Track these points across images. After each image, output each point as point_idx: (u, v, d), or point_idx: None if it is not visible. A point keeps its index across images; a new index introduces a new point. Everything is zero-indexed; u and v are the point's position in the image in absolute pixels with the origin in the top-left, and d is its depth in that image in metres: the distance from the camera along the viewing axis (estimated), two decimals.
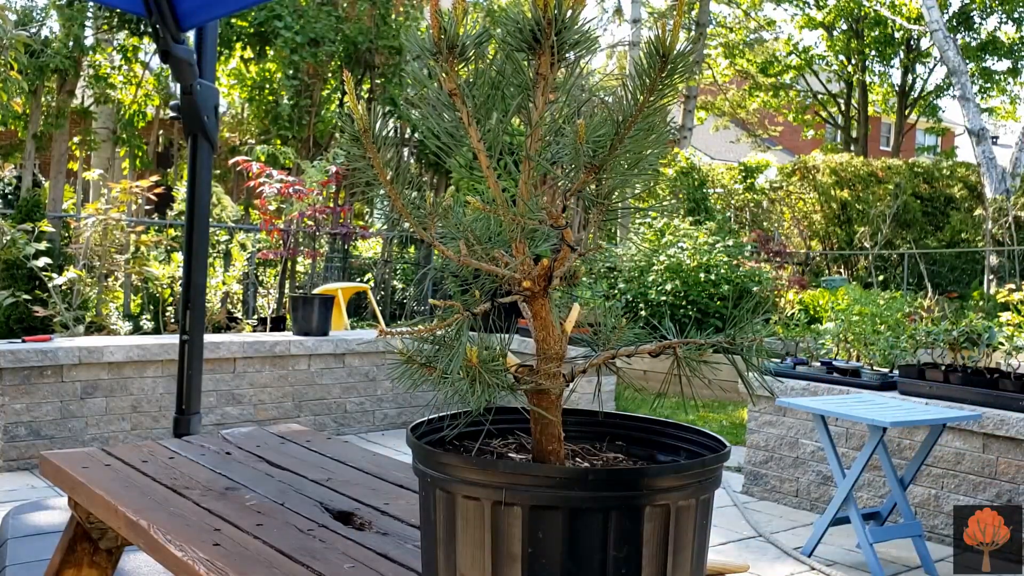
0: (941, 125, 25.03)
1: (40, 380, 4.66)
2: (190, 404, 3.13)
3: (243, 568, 1.19)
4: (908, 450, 3.90)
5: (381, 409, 5.99)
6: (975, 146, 11.58)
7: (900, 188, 12.31)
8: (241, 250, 8.10)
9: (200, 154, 3.12)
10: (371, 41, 10.17)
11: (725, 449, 0.97)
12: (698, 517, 0.93)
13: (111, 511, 1.47)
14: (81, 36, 9.07)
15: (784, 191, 13.11)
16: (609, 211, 0.95)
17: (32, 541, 2.58)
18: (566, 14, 0.84)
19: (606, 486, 0.89)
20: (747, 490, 4.58)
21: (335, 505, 1.49)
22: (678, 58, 0.82)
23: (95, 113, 10.29)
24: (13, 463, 4.58)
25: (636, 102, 0.85)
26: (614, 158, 0.87)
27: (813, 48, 23.83)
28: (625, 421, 1.12)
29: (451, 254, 0.93)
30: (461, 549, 0.91)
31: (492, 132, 0.88)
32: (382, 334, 0.94)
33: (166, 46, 2.94)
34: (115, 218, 7.14)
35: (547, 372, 0.93)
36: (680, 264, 7.75)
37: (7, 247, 6.57)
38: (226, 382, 5.34)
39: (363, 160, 0.92)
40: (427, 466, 0.95)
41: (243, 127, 11.71)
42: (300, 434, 2.05)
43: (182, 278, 3.35)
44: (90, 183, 10.80)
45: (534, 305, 0.92)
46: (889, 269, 12.36)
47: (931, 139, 29.80)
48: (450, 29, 0.85)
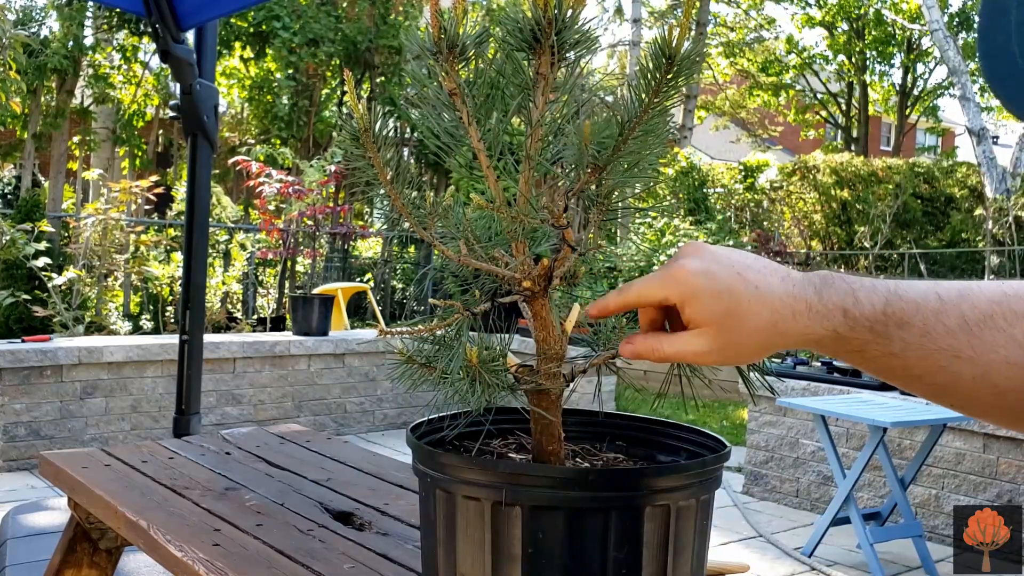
0: (941, 125, 25.04)
1: (40, 380, 4.66)
2: (190, 404, 3.13)
3: (243, 568, 1.19)
4: (908, 450, 3.90)
5: (381, 409, 5.99)
6: (975, 146, 11.58)
7: (900, 188, 12.32)
8: (241, 250, 8.10)
9: (200, 154, 3.11)
10: (371, 41, 10.17)
11: (725, 449, 0.97)
12: (698, 517, 0.93)
13: (111, 511, 1.46)
14: (80, 36, 9.07)
15: (784, 191, 13.11)
16: (610, 211, 0.95)
17: (32, 541, 2.58)
18: (566, 14, 0.83)
19: (606, 486, 0.88)
20: (747, 490, 4.58)
21: (335, 505, 1.49)
22: (684, 60, 0.82)
23: (95, 113, 10.29)
24: (13, 463, 4.58)
25: (641, 103, 0.85)
26: (617, 158, 0.87)
27: (813, 48, 23.86)
28: (625, 421, 1.12)
29: (451, 254, 0.93)
30: (461, 549, 0.91)
31: (492, 132, 0.88)
32: (382, 334, 0.94)
33: (166, 46, 2.94)
34: (115, 218, 7.14)
35: (547, 372, 0.93)
36: None
37: (7, 247, 6.57)
38: (226, 382, 5.33)
39: (363, 160, 0.92)
40: (427, 466, 0.94)
41: (243, 127, 11.71)
42: (300, 434, 2.05)
43: (182, 278, 3.35)
44: (90, 183, 10.80)
45: (534, 305, 0.92)
46: (889, 269, 12.36)
47: (931, 139, 29.81)
48: (450, 29, 0.85)
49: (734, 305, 0.71)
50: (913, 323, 0.66)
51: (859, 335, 0.68)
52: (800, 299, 0.70)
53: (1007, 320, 0.64)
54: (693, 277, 0.73)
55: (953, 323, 0.65)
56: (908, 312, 0.66)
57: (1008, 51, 0.69)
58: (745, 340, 0.72)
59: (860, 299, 0.68)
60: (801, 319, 0.69)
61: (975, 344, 0.64)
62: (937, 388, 0.67)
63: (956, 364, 0.65)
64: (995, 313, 0.64)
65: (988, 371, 0.64)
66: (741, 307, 0.71)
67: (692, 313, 0.73)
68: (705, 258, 0.74)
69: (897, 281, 0.69)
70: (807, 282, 0.71)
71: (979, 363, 0.64)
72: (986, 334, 0.64)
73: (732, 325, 0.71)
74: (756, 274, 0.72)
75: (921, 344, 0.66)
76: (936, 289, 0.67)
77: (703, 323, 0.72)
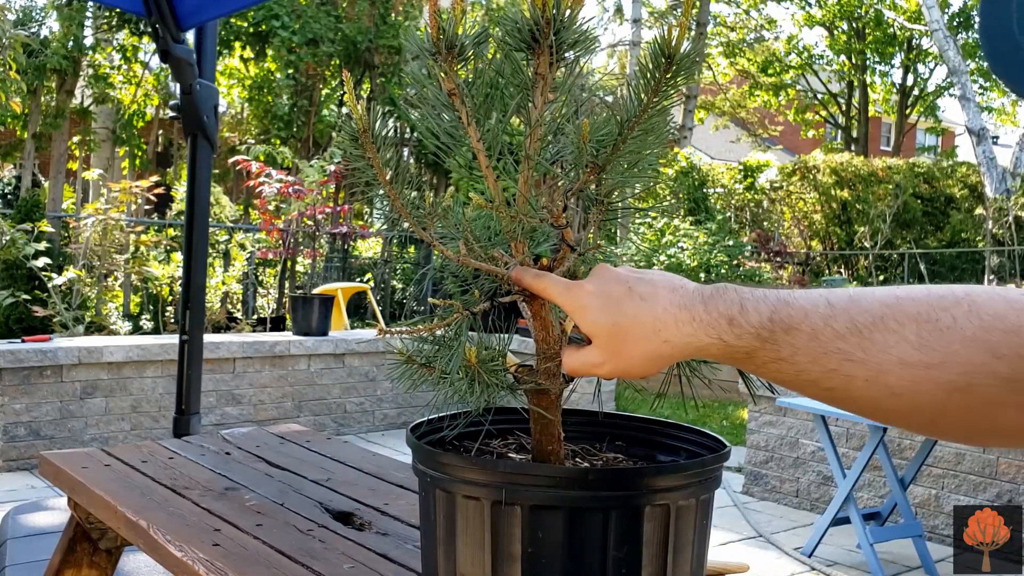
0: (941, 125, 25.04)
1: (40, 380, 4.66)
2: (190, 404, 3.13)
3: (242, 568, 1.19)
4: (908, 450, 3.90)
5: (381, 409, 5.99)
6: (975, 146, 11.58)
7: (900, 188, 12.31)
8: (240, 250, 8.10)
9: (200, 154, 3.11)
10: (370, 41, 10.17)
11: (725, 449, 0.97)
12: (698, 517, 0.93)
13: (111, 511, 1.46)
14: (80, 36, 9.06)
15: (784, 191, 13.11)
16: (609, 211, 0.95)
17: (32, 541, 2.58)
18: (565, 14, 0.83)
19: (606, 486, 0.89)
20: (747, 490, 4.58)
21: (335, 505, 1.49)
22: (684, 59, 0.82)
23: (94, 113, 10.29)
24: (13, 463, 4.58)
25: (640, 102, 0.85)
26: (616, 158, 0.87)
27: (814, 48, 23.86)
28: (625, 421, 1.12)
29: (451, 254, 0.93)
30: (461, 549, 0.91)
31: (491, 132, 0.88)
32: (382, 334, 0.94)
33: (166, 46, 2.94)
34: (114, 218, 7.14)
35: (547, 372, 0.93)
36: (680, 264, 7.75)
37: (7, 247, 6.57)
38: (226, 382, 5.33)
39: (362, 160, 0.92)
40: (427, 466, 0.94)
41: (243, 127, 11.71)
42: (300, 434, 2.05)
43: (182, 278, 3.35)
44: (89, 183, 10.80)
45: (534, 305, 0.92)
46: (889, 269, 12.36)
47: (931, 139, 29.82)
48: (449, 29, 0.85)
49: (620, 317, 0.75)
50: (801, 328, 0.67)
51: (745, 343, 0.70)
52: (685, 309, 0.73)
53: (898, 321, 0.64)
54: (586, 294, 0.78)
55: (842, 326, 0.66)
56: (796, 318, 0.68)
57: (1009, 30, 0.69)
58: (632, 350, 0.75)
59: (747, 308, 0.70)
60: (684, 327, 0.72)
61: (865, 346, 0.64)
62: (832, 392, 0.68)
63: (847, 367, 0.65)
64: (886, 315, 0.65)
65: (880, 372, 0.64)
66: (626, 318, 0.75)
67: (584, 327, 0.79)
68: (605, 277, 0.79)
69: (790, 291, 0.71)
70: (697, 293, 0.74)
71: (870, 364, 0.64)
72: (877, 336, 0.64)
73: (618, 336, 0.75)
74: (646, 286, 0.76)
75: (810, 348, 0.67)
76: (827, 296, 0.68)
77: (593, 336, 0.78)
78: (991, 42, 0.71)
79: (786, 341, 0.68)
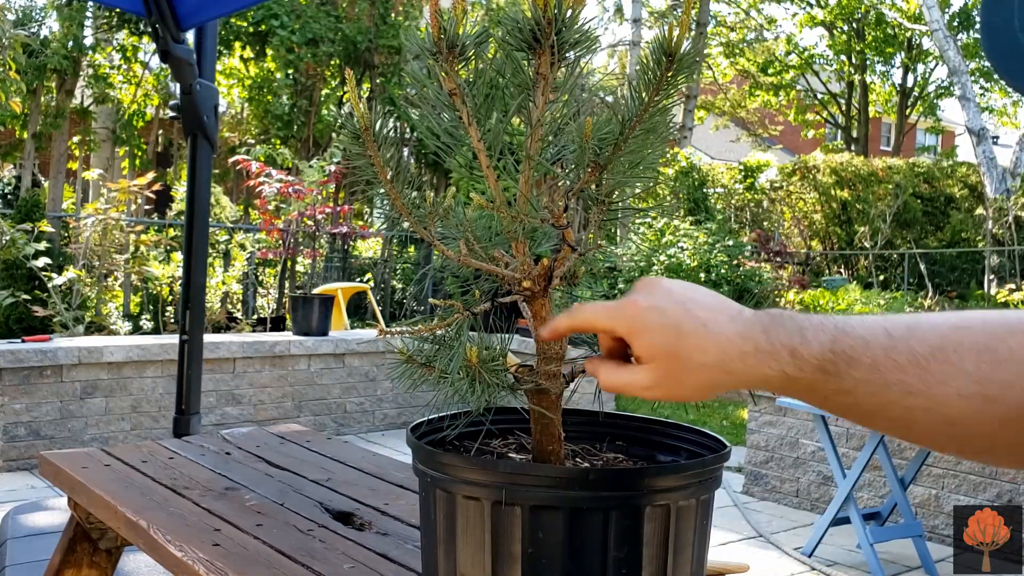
0: (941, 125, 25.05)
1: (40, 380, 4.66)
2: (190, 404, 3.13)
3: (243, 568, 1.19)
4: (908, 450, 3.90)
5: (381, 409, 5.99)
6: (975, 146, 11.59)
7: (900, 188, 12.31)
8: (241, 250, 8.10)
9: (200, 154, 3.11)
10: (370, 41, 10.16)
11: (725, 449, 0.97)
12: (698, 517, 0.93)
13: (111, 511, 1.46)
14: (80, 36, 9.06)
15: (784, 191, 13.11)
16: (610, 211, 0.95)
17: (32, 541, 2.58)
18: (566, 14, 0.83)
19: (606, 486, 0.88)
20: (747, 490, 4.58)
21: (335, 505, 1.49)
22: (684, 58, 0.82)
23: (94, 113, 10.28)
24: (13, 463, 4.58)
25: (641, 101, 0.85)
26: (617, 157, 0.87)
27: (814, 48, 23.86)
28: (625, 421, 1.12)
29: (451, 254, 0.93)
30: (461, 549, 0.91)
31: (492, 132, 0.88)
32: (382, 334, 0.94)
33: (166, 46, 2.94)
34: (114, 218, 7.14)
35: (547, 372, 0.93)
36: (680, 264, 7.75)
37: (7, 247, 6.57)
38: (226, 382, 5.33)
39: (363, 158, 0.92)
40: (427, 466, 0.94)
41: (243, 127, 11.71)
42: (300, 434, 2.05)
43: (182, 278, 3.35)
44: (89, 183, 10.80)
45: (534, 305, 0.92)
46: (889, 269, 12.36)
47: (931, 139, 29.82)
48: (450, 29, 0.85)
49: (680, 342, 0.72)
50: (862, 360, 0.66)
51: (808, 375, 0.68)
52: (748, 339, 0.70)
53: (957, 353, 0.64)
54: (642, 312, 0.74)
55: (903, 359, 0.65)
56: (858, 349, 0.67)
57: (1010, 27, 0.70)
58: (690, 378, 0.72)
59: (808, 338, 0.68)
60: (749, 360, 0.70)
61: (925, 378, 0.64)
62: (891, 423, 0.67)
63: (907, 399, 0.65)
64: (945, 346, 0.64)
65: (939, 404, 0.64)
66: (688, 344, 0.71)
67: (639, 348, 0.74)
68: (656, 294, 0.75)
69: (845, 317, 0.70)
70: (756, 321, 0.71)
71: (930, 396, 0.64)
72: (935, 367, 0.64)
73: (678, 361, 0.72)
74: (706, 311, 0.73)
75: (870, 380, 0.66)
76: (884, 324, 0.67)
77: (648, 358, 0.73)
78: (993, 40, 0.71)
79: (848, 373, 0.67)
